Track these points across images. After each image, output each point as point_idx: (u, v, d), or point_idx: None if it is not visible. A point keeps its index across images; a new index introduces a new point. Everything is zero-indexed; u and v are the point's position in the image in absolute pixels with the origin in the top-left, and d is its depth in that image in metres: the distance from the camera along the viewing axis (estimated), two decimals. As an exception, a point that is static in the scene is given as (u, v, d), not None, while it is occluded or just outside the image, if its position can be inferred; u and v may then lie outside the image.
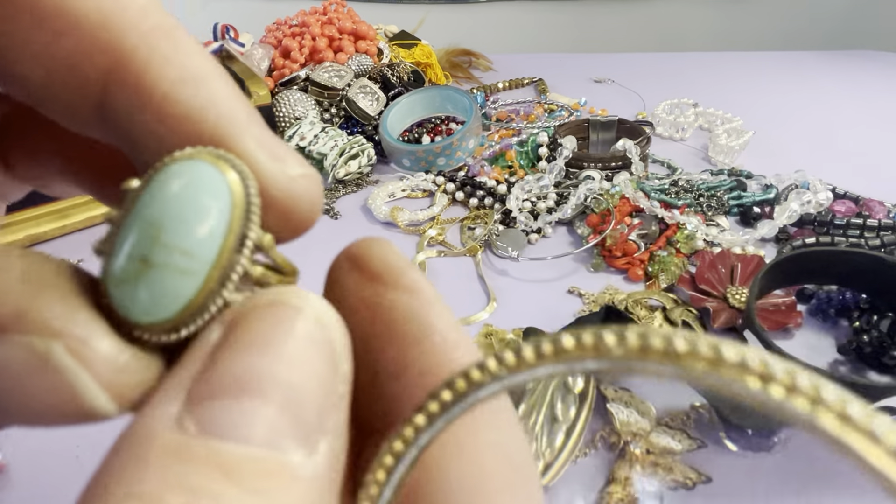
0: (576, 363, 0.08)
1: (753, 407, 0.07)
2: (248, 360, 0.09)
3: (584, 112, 0.90)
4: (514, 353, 0.08)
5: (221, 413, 0.09)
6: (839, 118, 0.90)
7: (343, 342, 0.11)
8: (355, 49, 0.89)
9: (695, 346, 0.07)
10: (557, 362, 0.08)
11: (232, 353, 0.09)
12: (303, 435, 0.09)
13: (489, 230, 0.62)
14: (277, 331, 0.10)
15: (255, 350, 0.09)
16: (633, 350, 0.08)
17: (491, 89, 1.00)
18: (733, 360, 0.07)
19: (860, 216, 0.59)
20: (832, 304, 0.50)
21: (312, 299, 0.10)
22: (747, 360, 0.07)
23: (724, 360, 0.07)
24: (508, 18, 1.63)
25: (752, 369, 0.07)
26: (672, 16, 1.63)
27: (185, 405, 0.09)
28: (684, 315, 0.51)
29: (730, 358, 0.07)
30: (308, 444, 0.09)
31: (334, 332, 0.10)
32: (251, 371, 0.09)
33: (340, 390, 0.10)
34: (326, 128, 0.76)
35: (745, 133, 0.77)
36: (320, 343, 0.10)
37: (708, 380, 0.07)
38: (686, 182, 0.67)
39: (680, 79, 1.06)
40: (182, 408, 0.09)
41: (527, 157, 0.74)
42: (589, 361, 0.08)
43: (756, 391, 0.07)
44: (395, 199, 0.71)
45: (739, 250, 0.57)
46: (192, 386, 0.09)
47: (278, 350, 0.09)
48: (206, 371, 0.09)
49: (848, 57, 1.18)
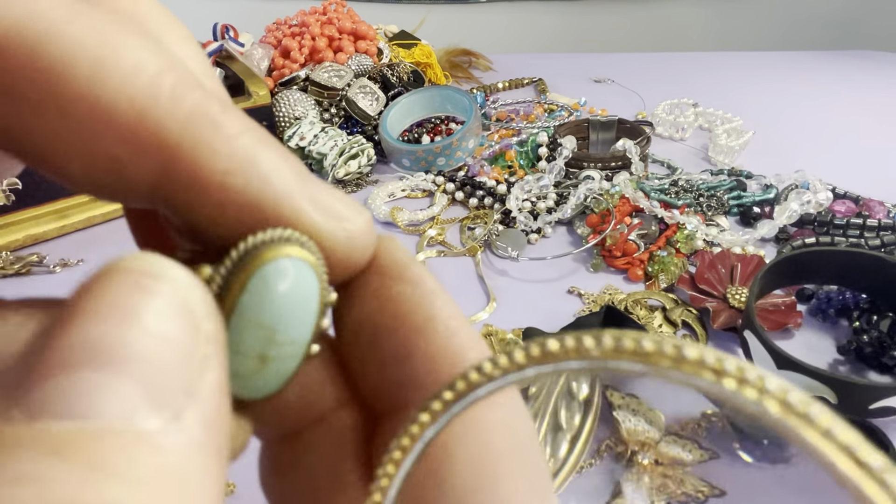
0: (560, 364, 0.09)
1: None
2: (85, 330, 0.09)
3: (583, 112, 0.90)
4: (507, 356, 0.09)
5: (53, 392, 0.08)
6: (839, 118, 0.90)
7: (202, 302, 0.10)
8: (355, 49, 0.89)
9: (660, 346, 0.08)
10: (544, 363, 0.09)
11: (67, 325, 0.09)
12: (160, 402, 0.08)
13: (489, 230, 0.62)
14: (121, 296, 0.09)
15: (93, 318, 0.09)
16: (608, 350, 0.09)
17: (491, 89, 1.00)
18: (693, 358, 0.08)
19: (860, 216, 0.59)
20: (832, 304, 0.50)
21: (162, 263, 0.10)
22: (704, 357, 0.08)
23: (685, 358, 0.08)
24: (508, 18, 1.63)
25: (709, 365, 0.08)
26: (672, 16, 1.63)
27: (9, 396, 0.08)
28: (684, 315, 0.51)
29: (690, 356, 0.08)
30: (168, 411, 0.09)
31: (189, 292, 0.10)
32: (87, 341, 0.08)
33: (203, 352, 0.09)
34: (326, 128, 0.76)
35: (745, 133, 0.77)
36: (173, 305, 0.09)
37: (673, 376, 0.08)
38: (686, 182, 0.67)
39: (680, 79, 1.06)
40: (4, 399, 0.08)
41: (527, 157, 0.74)
42: (572, 362, 0.09)
43: (712, 384, 0.08)
44: (394, 199, 0.71)
45: (739, 250, 0.57)
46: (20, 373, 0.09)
47: (121, 316, 0.09)
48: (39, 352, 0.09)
49: (847, 57, 1.18)
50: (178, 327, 0.09)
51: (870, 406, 0.41)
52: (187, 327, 0.09)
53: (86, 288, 0.09)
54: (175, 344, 0.09)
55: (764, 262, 0.53)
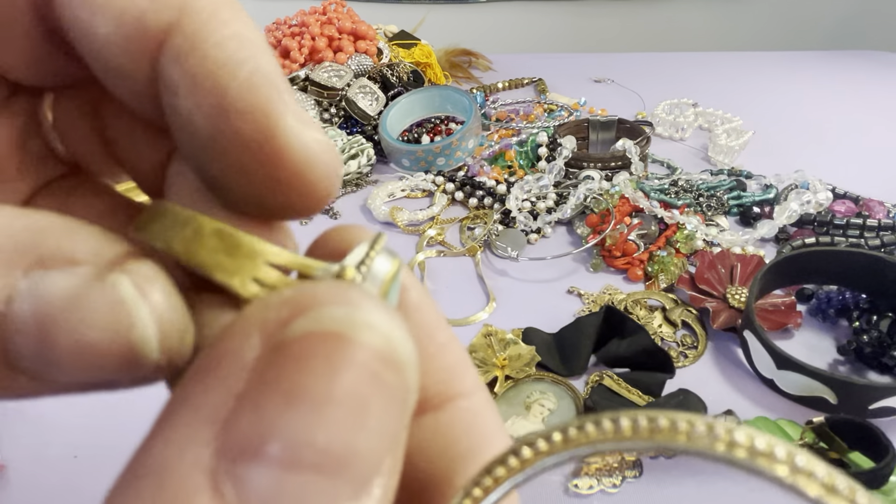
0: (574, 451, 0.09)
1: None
2: (288, 416, 0.08)
3: (583, 112, 0.90)
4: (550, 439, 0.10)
5: (260, 480, 0.08)
6: (839, 118, 0.90)
7: (412, 368, 0.09)
8: (355, 49, 0.89)
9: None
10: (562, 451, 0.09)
11: (267, 399, 0.08)
12: (354, 491, 0.08)
13: (489, 230, 0.62)
14: (324, 379, 0.08)
15: (296, 404, 0.08)
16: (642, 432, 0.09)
17: (491, 89, 1.00)
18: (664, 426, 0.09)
19: (860, 216, 0.58)
20: (832, 304, 0.50)
21: (375, 317, 0.09)
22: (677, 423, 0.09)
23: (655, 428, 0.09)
24: (508, 18, 1.63)
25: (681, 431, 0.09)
26: (672, 16, 1.63)
27: (218, 455, 0.08)
28: (684, 315, 0.51)
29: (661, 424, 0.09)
30: (360, 495, 0.08)
31: (403, 361, 0.09)
32: (292, 433, 0.08)
33: (405, 425, 0.09)
34: (326, 127, 0.76)
35: (744, 133, 0.77)
36: (382, 384, 0.09)
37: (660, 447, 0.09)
38: (686, 182, 0.67)
39: (680, 79, 1.06)
40: (214, 457, 0.08)
41: (526, 157, 0.74)
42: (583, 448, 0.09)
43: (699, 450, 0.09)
44: (394, 199, 0.71)
45: (739, 250, 0.57)
46: (223, 428, 0.08)
47: (325, 408, 0.08)
48: (240, 415, 0.08)
49: (847, 57, 1.18)
50: (386, 413, 0.09)
51: (869, 406, 0.41)
52: (394, 409, 0.09)
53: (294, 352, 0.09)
54: (379, 432, 0.09)
55: (764, 262, 0.53)
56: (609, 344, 0.46)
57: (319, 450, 0.08)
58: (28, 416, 0.43)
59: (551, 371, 0.46)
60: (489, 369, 0.46)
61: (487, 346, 0.47)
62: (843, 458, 0.37)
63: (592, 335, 0.46)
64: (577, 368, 0.46)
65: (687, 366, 0.47)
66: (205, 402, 0.09)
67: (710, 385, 0.45)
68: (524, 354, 0.46)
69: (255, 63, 0.11)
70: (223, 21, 0.11)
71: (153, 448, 0.09)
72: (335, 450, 0.08)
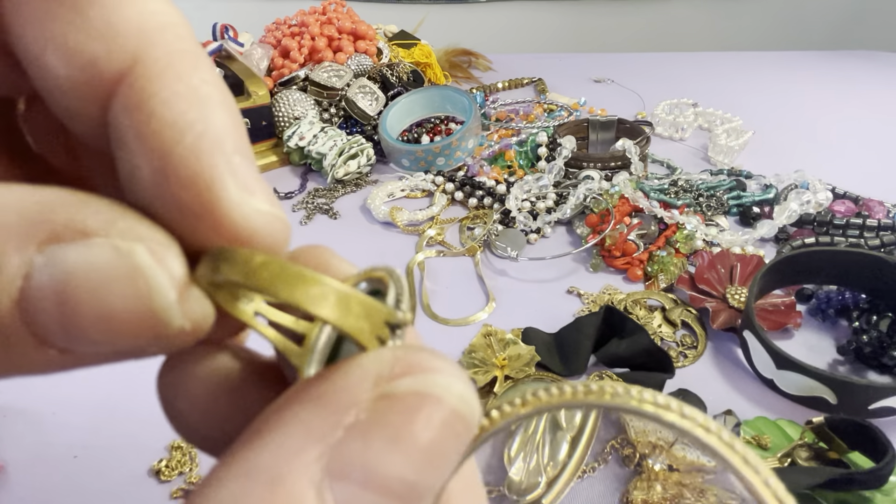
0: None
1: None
2: (380, 451, 0.10)
3: (583, 112, 0.90)
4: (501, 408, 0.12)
5: (352, 499, 0.10)
6: (839, 118, 0.90)
7: (476, 424, 0.11)
8: (354, 49, 0.89)
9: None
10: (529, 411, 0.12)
11: (374, 435, 0.10)
12: None
13: (488, 230, 0.62)
14: (411, 425, 0.10)
15: (388, 443, 0.10)
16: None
17: (490, 89, 1.00)
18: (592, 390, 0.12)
19: (860, 216, 0.58)
20: (832, 304, 0.50)
21: (454, 383, 0.11)
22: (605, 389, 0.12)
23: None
24: (508, 18, 1.63)
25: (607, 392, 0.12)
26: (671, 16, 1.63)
27: (326, 472, 0.10)
28: (683, 315, 0.51)
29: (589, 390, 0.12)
30: None
31: (471, 418, 0.11)
32: (382, 465, 0.10)
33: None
34: (326, 127, 0.76)
35: (744, 133, 0.77)
36: (454, 434, 0.11)
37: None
38: (685, 182, 0.67)
39: (680, 79, 1.06)
40: (322, 472, 0.10)
41: (526, 157, 0.74)
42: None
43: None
44: (394, 198, 0.71)
45: (739, 250, 0.57)
46: (332, 453, 0.10)
47: (409, 447, 0.10)
48: (350, 442, 0.10)
49: (847, 57, 1.18)
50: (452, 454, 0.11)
51: (869, 406, 0.41)
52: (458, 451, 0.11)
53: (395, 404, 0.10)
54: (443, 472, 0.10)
55: (763, 262, 0.53)
56: (609, 344, 0.46)
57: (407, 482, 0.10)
58: (28, 416, 0.43)
59: (551, 371, 0.46)
60: (489, 369, 0.46)
61: (487, 346, 0.47)
62: (842, 458, 0.37)
63: (592, 335, 0.46)
64: (576, 368, 0.46)
65: (687, 366, 0.47)
66: (318, 426, 0.10)
67: (710, 385, 0.45)
68: (524, 354, 0.46)
69: (204, 126, 0.11)
70: (178, 74, 0.11)
71: (262, 454, 0.10)
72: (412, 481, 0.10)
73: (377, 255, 0.61)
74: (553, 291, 0.55)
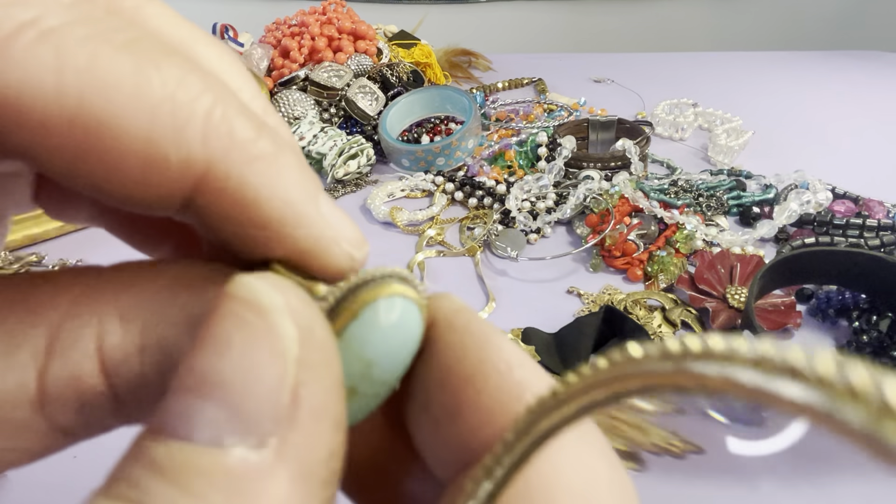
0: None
1: None
2: (196, 358, 0.10)
3: (583, 112, 0.90)
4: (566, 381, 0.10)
5: (168, 412, 0.09)
6: (839, 118, 0.90)
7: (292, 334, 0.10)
8: (354, 49, 0.89)
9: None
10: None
11: (191, 350, 0.10)
12: (245, 429, 0.09)
13: (488, 230, 0.62)
14: (220, 327, 0.10)
15: (201, 348, 0.10)
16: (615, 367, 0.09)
17: (490, 89, 1.00)
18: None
19: (860, 216, 0.58)
20: (832, 305, 0.50)
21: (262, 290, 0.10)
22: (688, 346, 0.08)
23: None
24: (508, 18, 1.63)
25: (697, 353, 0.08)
26: (672, 16, 1.63)
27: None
28: (683, 315, 0.51)
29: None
30: (254, 437, 0.09)
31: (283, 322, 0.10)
32: (195, 369, 0.09)
33: (291, 382, 0.10)
34: (326, 127, 0.75)
35: (744, 133, 0.77)
36: (264, 337, 0.10)
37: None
38: (685, 182, 0.67)
39: (680, 79, 1.06)
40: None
41: (526, 157, 0.74)
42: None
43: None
44: (394, 199, 0.71)
45: (739, 250, 0.57)
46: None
47: (216, 347, 0.10)
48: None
49: (847, 57, 1.18)
50: (267, 357, 0.10)
51: (869, 406, 0.41)
52: (276, 357, 0.10)
53: (211, 311, 0.10)
54: (262, 372, 0.09)
55: (763, 263, 0.53)
56: (609, 344, 0.46)
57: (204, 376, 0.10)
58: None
59: (551, 371, 0.46)
60: (489, 369, 0.45)
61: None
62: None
63: (592, 335, 0.46)
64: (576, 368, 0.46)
65: (686, 366, 0.47)
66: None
67: (710, 385, 0.45)
68: (524, 354, 0.46)
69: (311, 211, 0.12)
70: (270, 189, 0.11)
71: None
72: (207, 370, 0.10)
73: (377, 255, 0.61)
74: (553, 291, 0.55)
